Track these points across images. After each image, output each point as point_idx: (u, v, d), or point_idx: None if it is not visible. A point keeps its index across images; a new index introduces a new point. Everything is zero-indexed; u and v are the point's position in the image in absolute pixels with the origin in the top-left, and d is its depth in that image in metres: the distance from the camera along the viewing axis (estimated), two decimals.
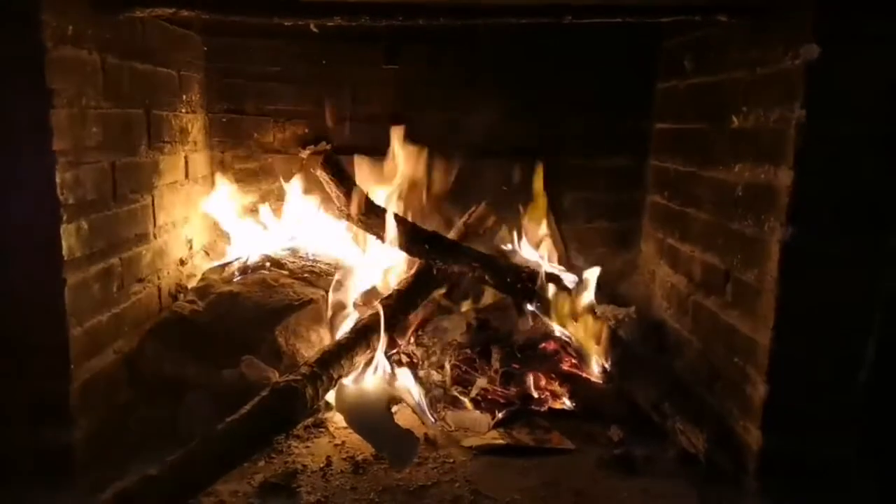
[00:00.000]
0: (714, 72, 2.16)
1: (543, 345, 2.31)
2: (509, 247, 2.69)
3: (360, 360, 2.08)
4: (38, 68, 1.56)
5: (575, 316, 2.26)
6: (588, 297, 2.32)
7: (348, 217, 2.53)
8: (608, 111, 2.80)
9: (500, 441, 1.97)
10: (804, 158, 1.60)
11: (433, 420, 2.05)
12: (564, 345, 2.32)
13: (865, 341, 1.67)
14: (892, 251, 1.63)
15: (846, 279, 1.65)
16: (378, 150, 2.77)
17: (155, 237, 2.23)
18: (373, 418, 1.95)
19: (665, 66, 2.67)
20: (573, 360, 2.29)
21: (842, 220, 1.63)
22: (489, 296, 2.58)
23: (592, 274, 2.40)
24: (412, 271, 2.49)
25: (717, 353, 2.00)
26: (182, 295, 2.36)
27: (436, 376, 2.26)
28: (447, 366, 2.26)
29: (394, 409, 2.08)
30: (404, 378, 2.15)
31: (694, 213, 2.27)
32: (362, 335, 2.11)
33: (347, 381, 2.04)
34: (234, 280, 2.42)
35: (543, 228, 2.75)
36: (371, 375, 2.11)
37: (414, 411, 2.06)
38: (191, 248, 2.60)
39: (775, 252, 1.67)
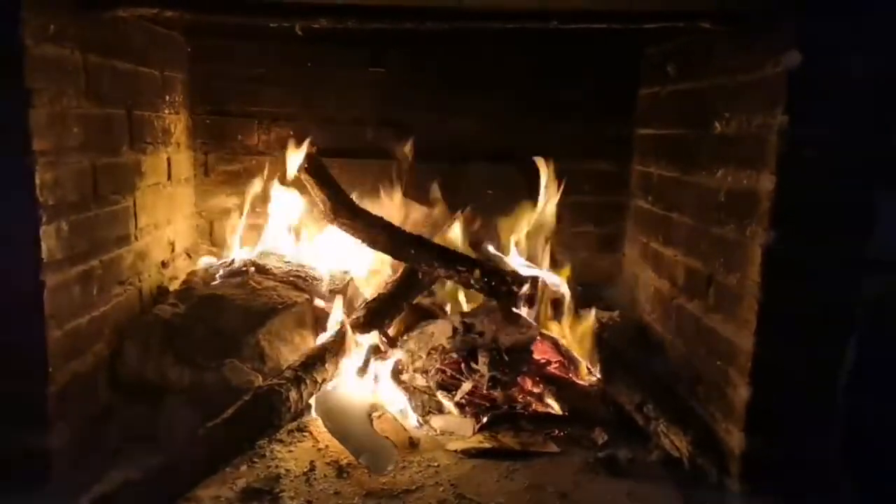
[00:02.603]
0: (697, 78, 2.18)
1: (529, 348, 2.31)
2: (493, 250, 2.69)
3: (344, 364, 2.07)
4: (17, 66, 1.54)
5: (559, 319, 2.26)
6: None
7: (332, 221, 2.52)
8: (592, 116, 2.82)
9: (485, 444, 1.96)
10: (786, 164, 1.62)
11: (417, 424, 2.04)
12: (550, 348, 2.32)
13: (846, 345, 1.70)
14: (872, 256, 1.66)
15: (827, 284, 1.67)
16: (362, 154, 2.76)
17: (136, 239, 2.20)
18: (351, 424, 1.94)
19: (648, 73, 2.70)
20: (559, 364, 2.30)
21: (823, 226, 1.65)
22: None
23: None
24: (397, 275, 2.49)
25: (700, 356, 2.02)
26: (164, 298, 2.34)
27: (420, 381, 2.25)
28: (432, 370, 2.26)
29: (375, 414, 2.07)
30: (387, 383, 2.14)
31: (677, 218, 2.29)
32: (346, 340, 2.09)
33: (328, 386, 2.03)
34: (217, 283, 2.40)
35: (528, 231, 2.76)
36: (352, 380, 2.10)
37: (395, 417, 2.05)
38: (173, 250, 2.58)
39: (757, 256, 1.69)
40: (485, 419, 2.05)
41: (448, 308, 2.58)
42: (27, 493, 1.63)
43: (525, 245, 2.73)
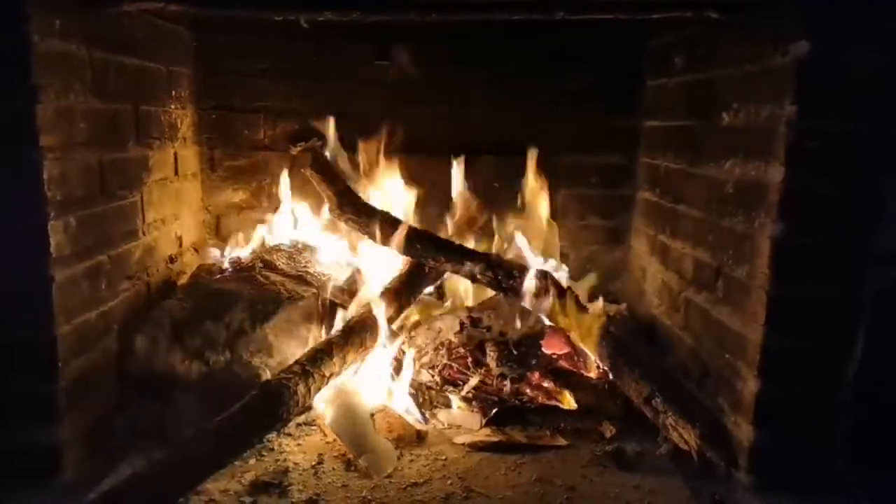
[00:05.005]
0: (704, 69, 2.16)
1: (538, 341, 2.31)
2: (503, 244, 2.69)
3: (353, 358, 2.08)
4: (24, 62, 1.54)
5: (566, 312, 2.25)
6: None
7: (338, 216, 2.52)
8: (599, 108, 2.80)
9: (493, 438, 1.97)
10: (794, 155, 1.61)
11: (422, 419, 2.04)
12: (559, 341, 2.32)
13: (854, 337, 1.68)
14: (881, 249, 1.64)
15: (836, 276, 1.66)
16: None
17: (144, 234, 2.21)
18: (354, 424, 1.95)
19: (655, 64, 2.68)
20: (567, 357, 2.29)
21: (831, 217, 1.63)
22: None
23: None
24: (404, 270, 2.49)
25: (708, 349, 2.01)
26: (171, 292, 2.34)
27: (427, 376, 2.25)
28: (439, 365, 2.26)
29: (381, 411, 2.07)
30: (393, 379, 2.14)
31: (685, 210, 2.28)
32: (355, 333, 2.10)
33: (335, 383, 2.03)
34: (225, 277, 2.40)
35: (537, 224, 2.75)
36: (358, 377, 2.11)
37: (401, 414, 2.05)
38: (180, 245, 2.58)
39: (766, 248, 1.68)
40: (492, 413, 2.05)
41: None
42: (38, 488, 1.64)
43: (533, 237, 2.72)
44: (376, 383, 2.12)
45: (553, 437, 1.99)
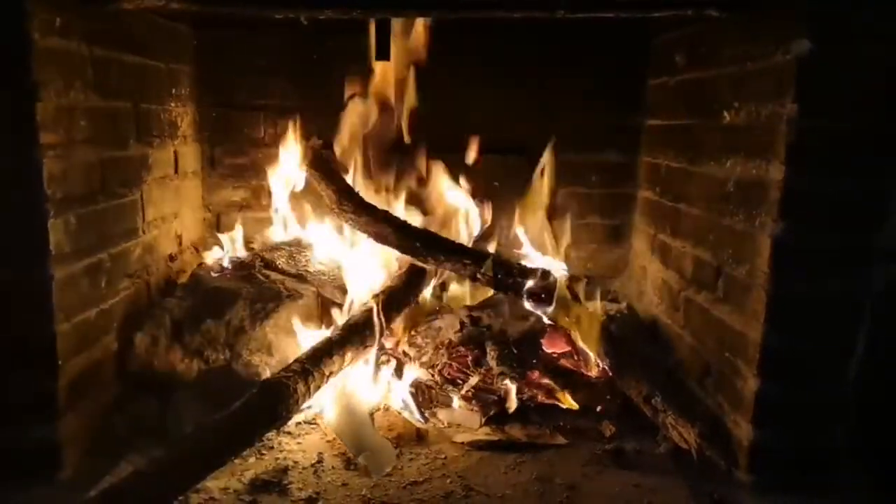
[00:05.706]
0: (706, 67, 2.16)
1: (539, 340, 2.31)
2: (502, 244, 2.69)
3: (353, 357, 2.07)
4: (24, 60, 1.54)
5: (567, 312, 2.25)
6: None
7: (337, 215, 2.52)
8: (600, 107, 2.80)
9: (493, 437, 1.97)
10: (795, 153, 1.61)
11: (422, 419, 2.04)
12: (560, 340, 2.32)
13: (855, 336, 1.68)
14: (881, 247, 1.64)
15: (836, 275, 1.66)
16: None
17: (144, 232, 2.21)
18: (353, 422, 1.95)
19: (656, 62, 2.67)
20: (567, 355, 2.29)
21: (832, 216, 1.63)
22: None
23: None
24: (403, 269, 2.48)
25: (709, 348, 2.01)
26: (171, 291, 2.34)
27: (426, 375, 2.25)
28: (439, 364, 2.26)
29: (380, 410, 2.07)
30: (391, 379, 2.14)
31: (685, 209, 2.27)
32: (355, 332, 2.10)
33: (334, 382, 2.03)
34: (224, 276, 2.40)
35: (537, 223, 2.75)
36: (358, 376, 2.11)
37: (400, 412, 2.05)
38: (180, 243, 2.58)
39: (766, 247, 1.68)
40: (492, 412, 2.05)
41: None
42: (38, 486, 1.64)
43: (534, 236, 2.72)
44: (376, 382, 2.12)
45: (553, 435, 1.99)
